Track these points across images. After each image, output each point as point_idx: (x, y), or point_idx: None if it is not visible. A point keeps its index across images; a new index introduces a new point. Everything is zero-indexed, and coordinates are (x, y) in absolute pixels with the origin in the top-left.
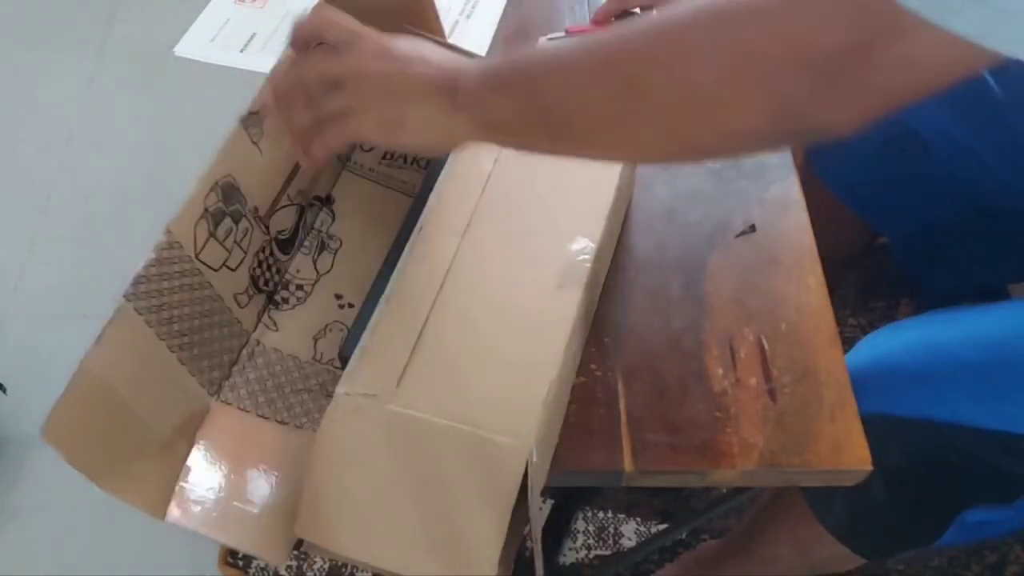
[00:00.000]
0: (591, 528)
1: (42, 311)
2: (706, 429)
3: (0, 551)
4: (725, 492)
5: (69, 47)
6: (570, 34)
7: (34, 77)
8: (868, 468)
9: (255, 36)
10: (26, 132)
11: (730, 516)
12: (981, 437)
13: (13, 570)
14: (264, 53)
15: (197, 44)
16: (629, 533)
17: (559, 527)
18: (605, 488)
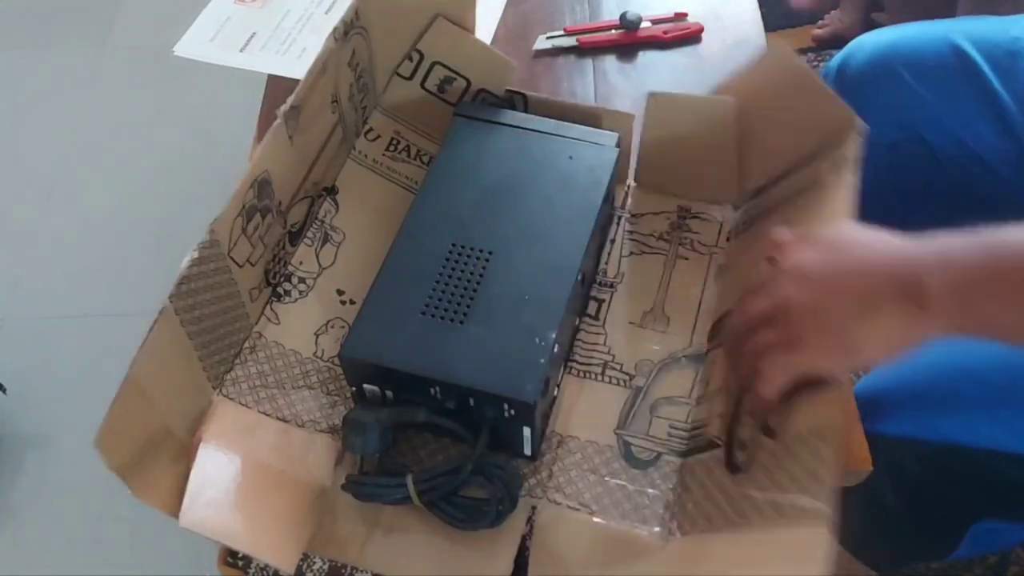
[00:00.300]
0: None
1: (42, 311)
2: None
3: (0, 551)
4: None
5: (70, 46)
6: (569, 34)
7: (34, 77)
8: (868, 468)
9: (255, 36)
10: (26, 132)
11: None
12: (1003, 458)
13: (13, 570)
14: (264, 53)
15: (197, 43)
16: None
17: None
18: None
